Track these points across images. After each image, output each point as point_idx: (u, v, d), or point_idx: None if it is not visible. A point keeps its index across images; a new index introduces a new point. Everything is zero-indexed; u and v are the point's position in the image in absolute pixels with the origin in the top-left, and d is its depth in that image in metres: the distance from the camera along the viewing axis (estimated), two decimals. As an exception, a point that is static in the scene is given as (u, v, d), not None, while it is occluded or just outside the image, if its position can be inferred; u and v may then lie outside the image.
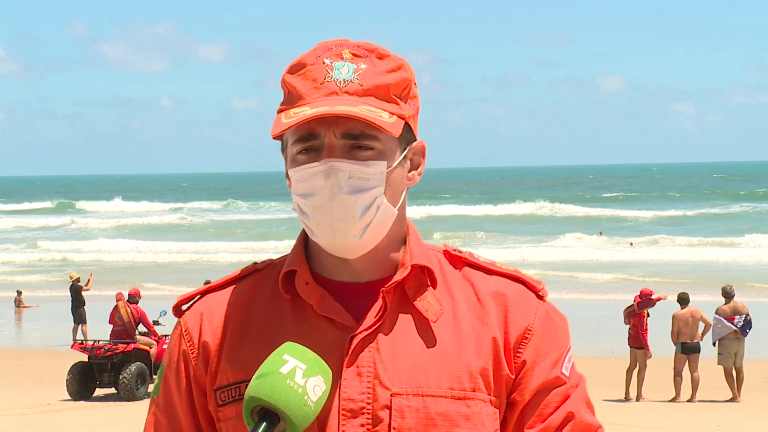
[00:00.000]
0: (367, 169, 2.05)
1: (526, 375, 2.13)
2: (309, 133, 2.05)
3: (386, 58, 2.11)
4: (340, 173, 2.03)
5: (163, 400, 2.19)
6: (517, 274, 2.19)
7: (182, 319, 2.20)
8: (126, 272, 32.06)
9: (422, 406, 2.06)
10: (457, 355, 2.09)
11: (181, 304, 2.21)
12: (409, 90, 2.13)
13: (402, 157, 2.11)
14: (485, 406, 2.09)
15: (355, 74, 2.08)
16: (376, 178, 2.06)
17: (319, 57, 2.10)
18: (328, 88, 2.07)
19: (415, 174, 2.16)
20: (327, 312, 2.09)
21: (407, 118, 2.10)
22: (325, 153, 2.05)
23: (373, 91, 2.07)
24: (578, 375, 2.19)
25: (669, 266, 41.28)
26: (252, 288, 2.18)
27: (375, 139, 2.05)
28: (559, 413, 2.13)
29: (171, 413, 2.18)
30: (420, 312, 2.10)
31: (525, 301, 2.16)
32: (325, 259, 2.13)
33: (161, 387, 2.20)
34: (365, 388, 2.06)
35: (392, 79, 2.10)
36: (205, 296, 2.20)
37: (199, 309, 2.19)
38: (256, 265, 2.23)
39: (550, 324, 2.17)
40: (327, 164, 2.04)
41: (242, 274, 2.21)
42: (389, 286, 2.10)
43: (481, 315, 2.13)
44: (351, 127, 2.04)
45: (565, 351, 2.17)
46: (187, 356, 2.17)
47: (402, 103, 2.10)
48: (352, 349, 2.07)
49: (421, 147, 2.17)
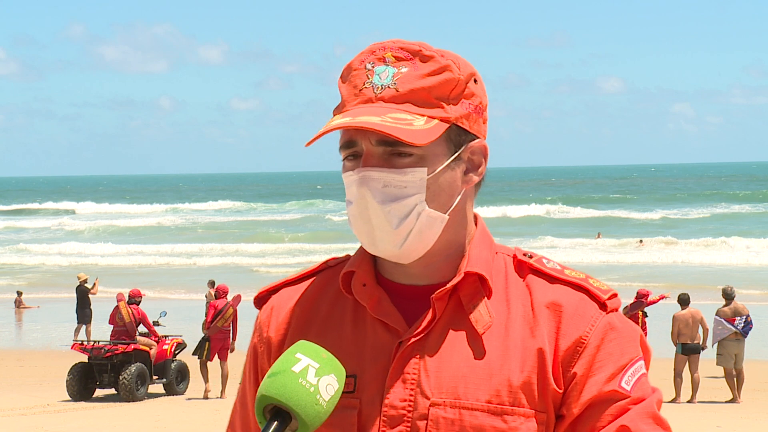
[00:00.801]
0: (403, 177, 2.01)
1: (575, 388, 2.03)
2: (348, 140, 2.04)
3: (430, 60, 2.06)
4: (371, 182, 2.01)
5: (240, 389, 2.26)
6: (582, 283, 2.09)
7: (259, 313, 2.23)
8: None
9: (458, 417, 2.01)
10: (499, 367, 2.02)
11: (261, 296, 2.24)
12: (460, 90, 2.06)
13: (451, 159, 2.06)
14: (526, 421, 2.01)
15: (394, 79, 2.04)
16: (414, 186, 2.01)
17: (363, 61, 2.07)
18: (365, 94, 2.04)
19: (473, 175, 2.10)
20: (381, 315, 2.07)
21: (454, 119, 2.05)
22: (363, 161, 2.03)
23: (409, 96, 2.03)
24: (647, 389, 2.05)
25: (667, 268, 41.25)
26: (321, 285, 2.18)
27: (410, 145, 2.00)
28: (611, 427, 2.01)
29: (244, 401, 2.24)
30: (471, 322, 2.06)
31: (582, 312, 2.06)
32: (384, 261, 2.11)
33: (243, 375, 2.26)
34: (407, 395, 2.03)
35: (433, 81, 2.04)
36: (280, 291, 2.22)
37: (271, 304, 2.21)
38: (329, 261, 2.22)
39: (611, 335, 2.05)
40: (360, 173, 2.02)
41: (315, 270, 2.21)
42: (440, 293, 2.05)
43: (533, 326, 2.05)
44: (385, 134, 1.99)
45: (628, 364, 2.04)
46: (257, 349, 2.20)
47: (449, 105, 2.05)
48: (399, 354, 2.04)
49: (480, 147, 2.10)
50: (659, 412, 2.06)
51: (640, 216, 68.82)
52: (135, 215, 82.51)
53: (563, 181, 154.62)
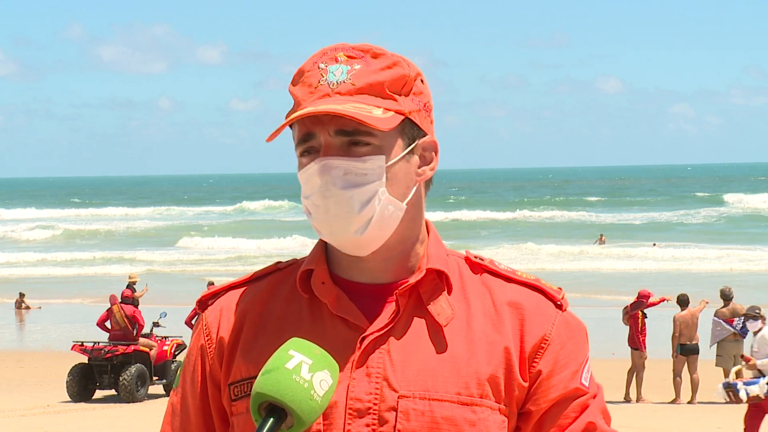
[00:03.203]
0: (363, 164, 2.05)
1: (542, 385, 2.11)
2: (306, 133, 2.08)
3: (381, 56, 2.12)
4: (333, 170, 2.05)
5: (179, 392, 2.24)
6: (537, 283, 2.18)
7: (204, 314, 2.23)
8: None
9: (428, 409, 2.05)
10: (467, 360, 2.08)
11: (205, 299, 2.25)
12: (410, 86, 2.13)
13: (407, 151, 2.11)
14: (492, 413, 2.08)
15: (348, 75, 2.09)
16: (374, 173, 2.06)
17: (315, 62, 2.13)
18: (321, 91, 2.09)
19: (427, 169, 2.15)
20: (341, 312, 2.10)
21: (408, 113, 2.10)
22: (322, 152, 2.07)
23: (366, 89, 2.08)
24: (596, 385, 2.17)
25: (668, 271, 41.27)
26: (272, 286, 2.20)
27: (370, 134, 2.06)
28: (578, 423, 2.12)
29: (184, 404, 2.23)
30: (433, 316, 2.11)
31: (542, 311, 2.14)
32: (342, 259, 2.14)
33: (180, 379, 2.25)
34: (373, 388, 2.06)
35: (387, 75, 2.10)
36: (228, 293, 2.24)
37: (219, 305, 2.22)
38: (279, 264, 2.26)
39: (569, 334, 2.15)
40: (321, 162, 2.05)
41: (265, 272, 2.24)
42: (403, 289, 2.10)
43: (496, 323, 2.12)
44: (344, 124, 2.04)
45: (584, 361, 2.16)
46: (205, 350, 2.20)
47: (401, 98, 2.11)
48: (363, 349, 2.07)
49: (431, 143, 2.16)
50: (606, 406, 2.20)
51: (638, 217, 68.84)
52: (144, 217, 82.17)
53: (563, 181, 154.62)
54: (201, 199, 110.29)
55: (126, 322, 19.60)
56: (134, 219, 79.34)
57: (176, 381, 2.27)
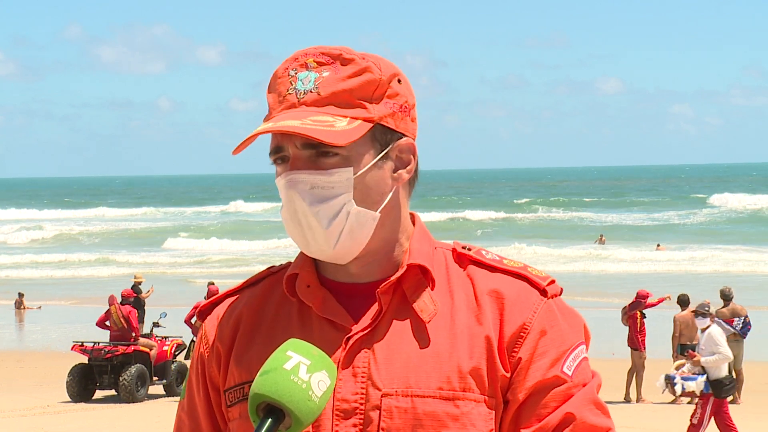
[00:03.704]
0: (329, 178, 2.05)
1: (520, 374, 2.08)
2: (276, 146, 2.09)
3: (351, 62, 2.10)
4: (299, 185, 2.05)
5: (187, 401, 2.26)
6: (522, 271, 2.15)
7: (204, 323, 2.26)
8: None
9: (410, 406, 2.05)
10: (449, 355, 2.07)
11: (205, 309, 2.27)
12: (382, 90, 2.11)
13: (378, 158, 2.09)
14: (477, 406, 2.06)
15: (316, 83, 2.08)
16: (341, 185, 2.06)
17: (287, 69, 2.12)
18: (289, 100, 2.09)
19: (403, 172, 2.13)
20: (327, 314, 2.11)
21: (378, 119, 2.09)
22: (290, 165, 2.07)
23: (331, 99, 2.07)
24: (587, 374, 2.13)
25: (667, 272, 41.29)
26: (265, 291, 2.21)
27: (335, 146, 2.05)
28: (557, 414, 2.07)
29: (192, 413, 2.25)
30: (416, 312, 2.11)
31: (524, 299, 2.12)
32: (326, 263, 2.15)
33: (186, 389, 2.27)
34: (359, 388, 2.07)
35: (354, 83, 2.08)
36: (225, 300, 2.25)
37: (216, 313, 2.24)
38: (272, 268, 2.26)
39: (552, 321, 2.12)
40: (287, 177, 2.06)
41: (258, 278, 2.25)
42: (384, 287, 2.10)
43: (477, 314, 2.11)
44: (304, 135, 2.03)
45: (569, 349, 2.11)
46: (203, 358, 2.23)
47: (372, 105, 2.09)
48: (348, 349, 2.08)
49: (407, 145, 2.14)
50: (599, 397, 2.13)
51: (638, 217, 68.84)
52: (134, 218, 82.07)
53: (562, 181, 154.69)
54: (197, 200, 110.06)
55: (123, 322, 19.61)
56: (124, 220, 79.24)
57: (182, 393, 2.29)
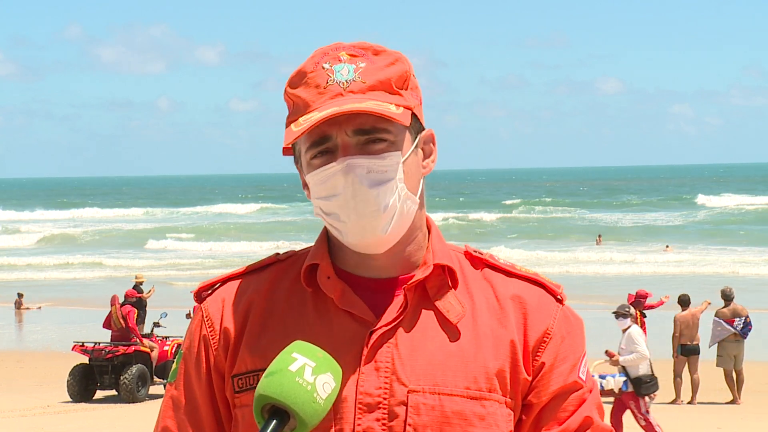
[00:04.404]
0: (383, 161, 2.07)
1: (544, 378, 2.14)
2: (321, 136, 2.08)
3: (382, 53, 2.14)
4: (357, 169, 2.06)
5: (182, 385, 2.21)
6: (537, 278, 2.21)
7: (203, 305, 2.22)
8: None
9: (438, 404, 2.07)
10: (474, 355, 2.10)
11: (203, 290, 2.23)
12: (409, 81, 2.15)
13: (414, 146, 2.13)
14: (500, 407, 2.10)
15: (356, 73, 2.11)
16: (393, 169, 2.08)
17: (318, 63, 2.13)
18: (333, 90, 2.09)
19: (429, 162, 2.19)
20: (347, 306, 2.11)
21: (413, 107, 2.13)
22: (340, 152, 2.07)
23: (377, 86, 2.10)
24: (592, 380, 2.21)
25: (665, 275, 41.29)
26: (273, 278, 2.20)
27: (386, 131, 2.08)
28: (576, 417, 2.15)
29: (190, 396, 2.19)
30: (440, 311, 2.12)
31: (544, 305, 2.18)
32: (347, 255, 2.15)
33: (180, 372, 2.21)
34: (382, 383, 2.07)
35: (392, 72, 2.12)
36: (227, 283, 2.22)
37: (220, 295, 2.21)
38: (278, 255, 2.25)
39: (569, 328, 2.19)
40: (344, 162, 2.06)
41: (264, 264, 2.23)
42: (411, 284, 2.11)
43: (500, 317, 2.14)
44: (361, 123, 2.06)
45: (582, 355, 2.19)
46: (208, 341, 2.18)
47: (406, 94, 2.13)
48: (372, 344, 2.08)
49: (429, 135, 2.19)
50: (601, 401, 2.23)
51: (638, 217, 68.78)
52: (131, 219, 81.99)
53: (561, 182, 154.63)
54: (192, 200, 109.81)
55: (122, 322, 19.60)
56: (124, 220, 79.15)
57: (173, 375, 2.23)
